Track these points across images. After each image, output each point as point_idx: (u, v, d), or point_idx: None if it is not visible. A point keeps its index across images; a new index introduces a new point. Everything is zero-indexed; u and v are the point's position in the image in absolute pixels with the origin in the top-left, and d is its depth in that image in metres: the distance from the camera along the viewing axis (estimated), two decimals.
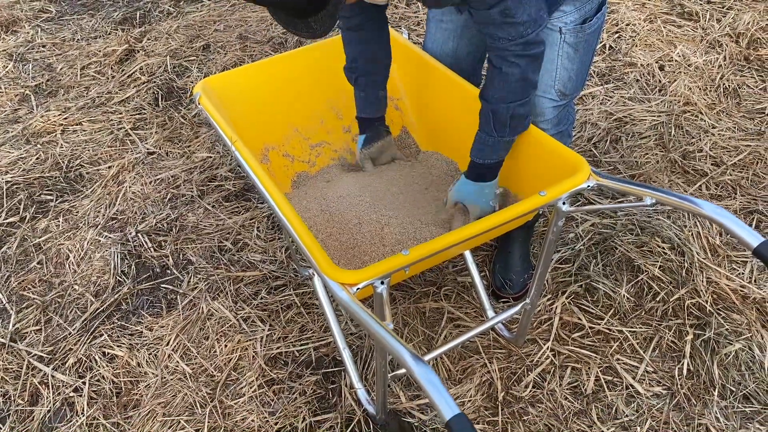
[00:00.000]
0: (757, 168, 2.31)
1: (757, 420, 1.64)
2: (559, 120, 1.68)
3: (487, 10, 1.28)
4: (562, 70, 1.58)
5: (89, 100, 2.87)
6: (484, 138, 1.45)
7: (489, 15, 1.29)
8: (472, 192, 1.52)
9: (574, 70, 1.59)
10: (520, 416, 1.68)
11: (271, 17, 1.24)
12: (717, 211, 1.12)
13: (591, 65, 1.68)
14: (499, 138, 1.43)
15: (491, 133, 1.43)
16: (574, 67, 1.58)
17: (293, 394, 1.75)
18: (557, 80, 1.59)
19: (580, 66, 1.60)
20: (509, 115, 1.40)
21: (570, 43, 1.54)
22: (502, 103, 1.39)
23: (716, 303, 1.87)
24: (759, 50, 2.83)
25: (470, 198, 1.53)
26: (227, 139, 1.49)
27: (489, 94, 1.40)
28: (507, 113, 1.39)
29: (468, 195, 1.53)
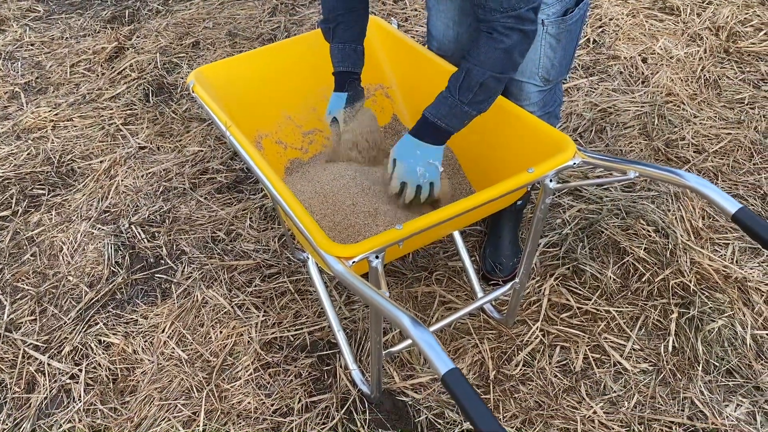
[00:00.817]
0: (737, 155, 2.37)
1: (740, 393, 1.69)
2: (545, 102, 1.73)
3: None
4: (545, 58, 1.64)
5: (79, 96, 2.89)
6: (446, 95, 1.40)
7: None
8: (407, 146, 1.45)
9: (557, 58, 1.64)
10: (511, 394, 1.72)
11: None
12: (698, 181, 1.17)
13: (575, 52, 1.73)
14: (459, 101, 1.38)
15: (455, 92, 1.38)
16: (557, 55, 1.64)
17: (289, 377, 1.78)
18: (540, 67, 1.65)
19: (563, 54, 1.65)
20: (480, 82, 1.35)
21: (552, 34, 1.59)
22: (479, 66, 1.35)
23: (699, 283, 1.92)
24: (738, 43, 2.90)
25: (402, 152, 1.46)
26: (221, 125, 1.52)
27: (471, 54, 1.37)
28: (479, 78, 1.35)
29: (402, 148, 1.46)
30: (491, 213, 1.76)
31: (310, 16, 3.30)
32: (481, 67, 1.35)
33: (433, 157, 1.44)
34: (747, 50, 2.86)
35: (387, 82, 1.91)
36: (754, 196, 2.22)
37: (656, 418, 1.65)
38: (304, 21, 3.27)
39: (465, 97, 1.38)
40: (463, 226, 1.84)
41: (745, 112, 2.57)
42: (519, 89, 1.69)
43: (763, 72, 2.75)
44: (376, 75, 1.90)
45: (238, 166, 2.46)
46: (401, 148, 1.47)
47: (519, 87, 1.69)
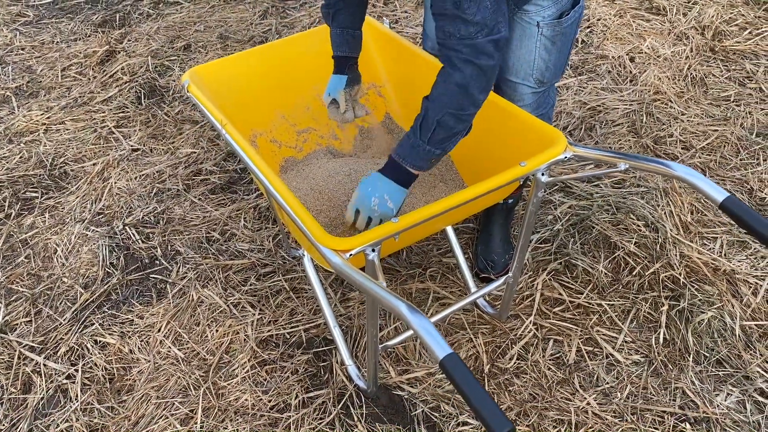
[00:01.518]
0: (724, 151, 2.41)
1: (730, 382, 1.72)
2: (538, 104, 1.75)
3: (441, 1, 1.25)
4: (540, 60, 1.65)
5: (71, 100, 2.89)
6: (409, 134, 1.37)
7: (442, 4, 1.25)
8: (369, 178, 1.43)
9: (552, 60, 1.65)
10: (505, 387, 1.74)
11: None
12: (686, 171, 1.20)
13: (570, 55, 1.75)
14: (421, 141, 1.34)
15: (416, 131, 1.35)
16: (552, 57, 1.65)
17: (285, 373, 1.80)
18: (535, 69, 1.66)
19: (558, 56, 1.66)
20: (437, 119, 1.31)
21: (547, 36, 1.61)
22: (435, 104, 1.32)
23: (689, 275, 1.96)
24: (723, 42, 2.95)
25: (363, 182, 1.43)
26: (217, 123, 1.53)
27: (430, 94, 1.35)
28: (435, 116, 1.31)
29: (364, 180, 1.44)
30: (485, 207, 1.79)
31: (300, 19, 3.32)
32: (437, 104, 1.32)
33: (391, 196, 1.40)
34: (732, 49, 2.91)
35: (380, 80, 1.93)
36: (741, 190, 2.25)
37: (648, 408, 1.68)
38: (295, 24, 3.29)
39: (425, 137, 1.34)
40: (458, 220, 1.86)
41: (731, 109, 2.61)
42: (513, 90, 1.71)
43: (748, 70, 2.80)
44: (369, 74, 1.92)
45: (231, 167, 2.48)
46: (365, 179, 1.44)
47: (513, 88, 1.71)
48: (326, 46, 1.79)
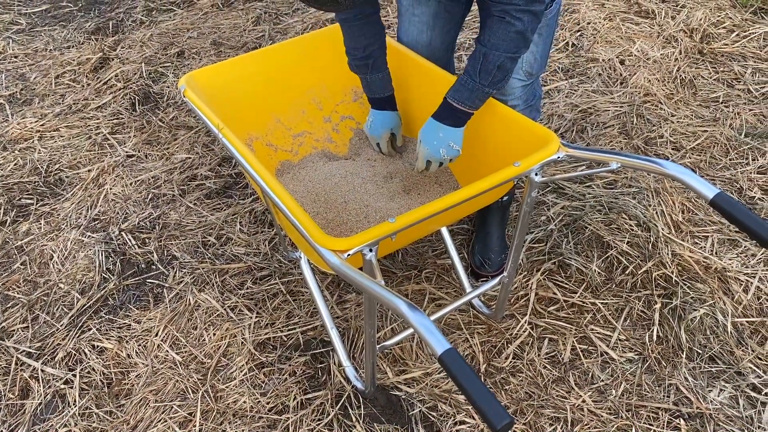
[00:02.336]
0: (713, 151, 2.44)
1: (722, 378, 1.75)
2: (527, 96, 1.81)
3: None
4: (528, 53, 1.71)
5: (65, 107, 2.90)
6: (466, 80, 1.51)
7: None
8: (430, 130, 1.59)
9: (539, 52, 1.72)
10: (502, 386, 1.76)
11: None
12: (677, 168, 1.22)
13: (552, 46, 1.81)
14: (480, 84, 1.49)
15: (475, 77, 1.49)
16: (539, 49, 1.71)
17: (283, 375, 1.81)
18: (524, 62, 1.72)
19: (544, 47, 1.73)
20: (497, 64, 1.46)
21: None
22: (495, 51, 1.45)
23: (681, 274, 1.98)
24: (711, 44, 2.99)
25: (426, 135, 1.59)
26: (214, 127, 1.55)
27: (486, 39, 1.47)
28: (496, 61, 1.46)
29: (426, 131, 1.60)
30: (480, 208, 1.80)
31: (293, 25, 3.34)
32: (497, 51, 1.45)
33: (453, 139, 1.58)
34: (720, 51, 2.95)
35: None
36: (731, 190, 2.28)
37: (643, 404, 1.70)
38: (288, 29, 3.31)
39: (485, 80, 1.49)
40: (453, 220, 1.88)
41: (720, 110, 2.64)
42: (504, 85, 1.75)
43: (736, 71, 2.84)
44: None
45: (226, 172, 2.49)
46: (425, 131, 1.61)
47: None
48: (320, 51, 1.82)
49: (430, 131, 1.58)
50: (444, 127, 1.56)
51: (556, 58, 2.98)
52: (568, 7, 3.31)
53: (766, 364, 1.77)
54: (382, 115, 1.80)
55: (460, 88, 1.53)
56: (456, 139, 1.58)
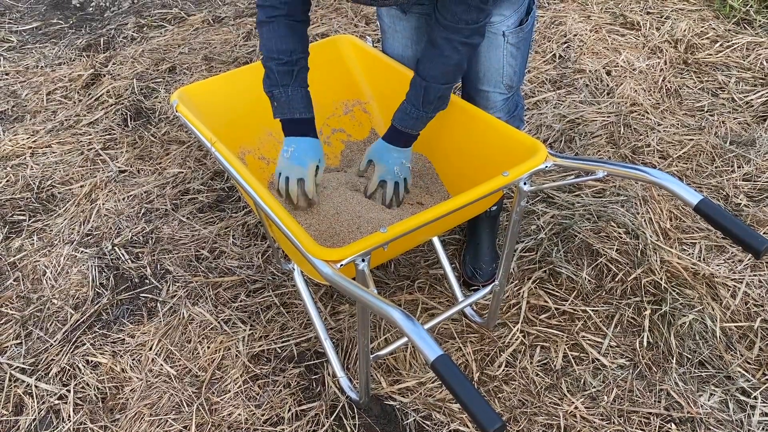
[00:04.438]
0: (699, 159, 2.48)
1: (712, 383, 1.77)
2: (510, 108, 1.85)
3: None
4: (508, 67, 1.75)
5: (57, 123, 2.91)
6: (410, 109, 1.59)
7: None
8: (383, 151, 1.66)
9: (518, 65, 1.76)
10: (495, 394, 1.77)
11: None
12: (662, 176, 1.25)
13: (528, 57, 1.88)
14: (423, 113, 1.58)
15: (418, 106, 1.57)
16: (518, 62, 1.76)
17: (278, 387, 1.81)
18: (504, 76, 1.76)
19: (522, 61, 1.78)
20: (438, 95, 1.55)
21: (513, 44, 1.71)
22: (435, 83, 1.53)
23: (670, 280, 2.01)
24: (696, 54, 3.04)
25: (379, 156, 1.66)
26: (206, 141, 1.56)
27: (426, 72, 1.53)
28: (437, 93, 1.54)
29: (379, 153, 1.67)
30: (470, 217, 1.83)
31: None
32: (437, 83, 1.54)
33: (405, 158, 1.67)
34: (704, 61, 3.00)
35: (364, 97, 1.97)
36: (717, 197, 2.32)
37: (635, 410, 1.72)
38: None
39: (428, 109, 1.58)
40: (444, 230, 1.90)
41: (705, 119, 2.69)
42: (486, 99, 1.79)
43: (720, 81, 2.89)
44: (354, 91, 1.97)
45: (218, 186, 2.50)
46: (377, 151, 1.67)
47: (486, 97, 1.79)
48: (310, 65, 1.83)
49: (383, 151, 1.66)
50: (395, 148, 1.64)
51: (543, 70, 3.02)
52: (554, 20, 3.36)
53: (754, 368, 1.80)
54: (306, 143, 1.55)
55: (404, 116, 1.60)
56: (406, 157, 1.66)
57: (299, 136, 1.56)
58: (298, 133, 1.57)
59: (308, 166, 1.55)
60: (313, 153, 1.56)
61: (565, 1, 3.53)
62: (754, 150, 2.50)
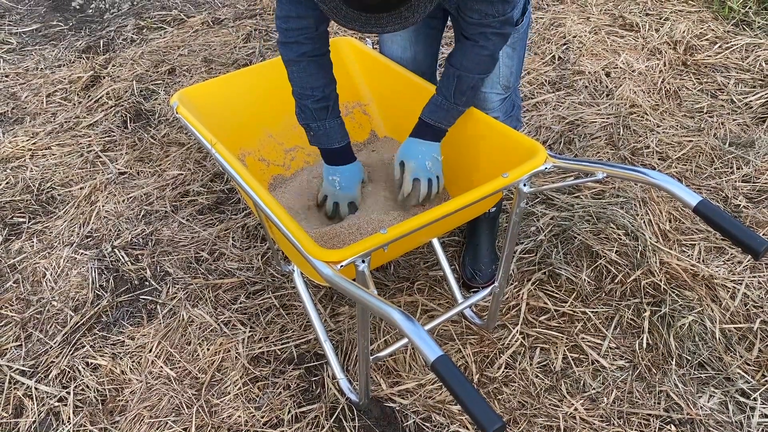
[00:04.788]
0: (699, 160, 2.49)
1: (712, 384, 1.77)
2: (507, 108, 1.86)
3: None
4: (504, 67, 1.75)
5: (57, 125, 2.91)
6: (441, 101, 1.55)
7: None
8: (412, 147, 1.60)
9: (514, 65, 1.77)
10: (495, 395, 1.77)
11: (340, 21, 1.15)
12: (661, 177, 1.25)
13: (525, 58, 1.87)
14: (454, 104, 1.55)
15: (449, 97, 1.54)
16: (514, 63, 1.76)
17: (278, 389, 1.81)
18: (501, 77, 1.77)
19: (518, 61, 1.78)
20: (471, 85, 1.53)
21: (509, 44, 1.71)
22: (469, 73, 1.51)
23: (669, 282, 2.01)
24: (695, 55, 3.05)
25: (409, 152, 1.60)
26: (206, 143, 1.57)
27: (459, 62, 1.52)
28: (470, 83, 1.52)
29: (407, 149, 1.61)
30: (470, 219, 1.83)
31: None
32: (471, 73, 1.51)
33: (436, 152, 1.61)
34: (703, 62, 3.01)
35: (364, 99, 1.98)
36: (716, 198, 2.32)
37: (634, 411, 1.72)
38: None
39: (459, 100, 1.55)
40: (444, 231, 1.91)
41: (705, 120, 2.69)
42: (483, 100, 1.80)
43: (719, 82, 2.89)
44: (354, 93, 1.97)
45: (218, 188, 2.51)
46: (406, 150, 1.61)
47: (483, 98, 1.80)
48: None
49: (412, 148, 1.60)
50: (424, 142, 1.59)
51: (543, 71, 3.03)
52: (554, 21, 3.36)
53: (754, 369, 1.80)
54: (350, 170, 1.64)
55: (435, 108, 1.56)
56: (437, 151, 1.61)
57: (341, 164, 1.64)
58: (340, 161, 1.64)
59: (357, 191, 1.67)
60: (358, 176, 1.67)
61: (564, 3, 3.54)
62: (753, 151, 2.50)
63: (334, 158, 1.64)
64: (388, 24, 1.16)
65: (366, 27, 1.16)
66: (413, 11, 1.13)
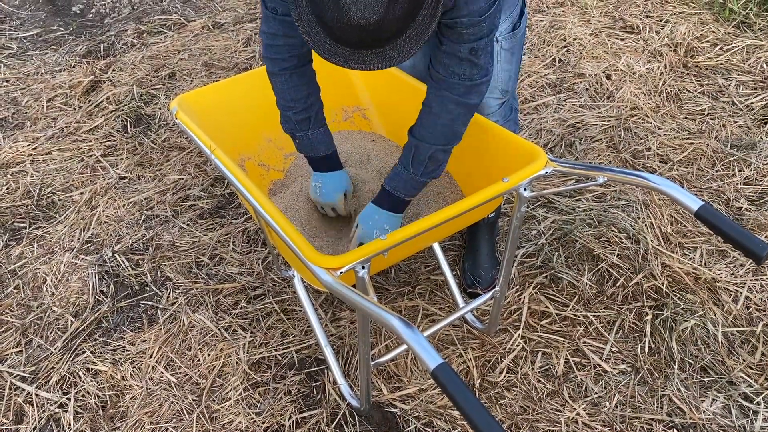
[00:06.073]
0: (700, 163, 2.48)
1: (714, 388, 1.76)
2: (504, 112, 1.85)
3: (458, 44, 1.33)
4: (503, 72, 1.75)
5: (57, 130, 2.91)
6: (400, 170, 1.49)
7: (458, 49, 1.33)
8: (367, 212, 1.55)
9: (512, 70, 1.76)
10: (496, 400, 1.77)
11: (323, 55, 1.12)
12: (662, 181, 1.24)
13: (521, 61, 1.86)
14: (413, 174, 1.47)
15: (407, 167, 1.47)
16: (512, 67, 1.76)
17: (278, 395, 1.81)
18: (500, 82, 1.76)
19: (516, 65, 1.78)
20: (428, 156, 1.45)
21: (506, 49, 1.71)
22: (425, 143, 1.44)
23: (671, 285, 2.00)
24: (696, 57, 3.04)
25: (363, 216, 1.55)
26: (206, 148, 1.56)
27: (416, 131, 1.46)
28: (426, 153, 1.44)
29: (364, 213, 1.56)
30: (470, 223, 1.82)
31: None
32: (427, 143, 1.44)
33: (389, 224, 1.53)
34: (704, 64, 3.00)
35: (364, 104, 1.97)
36: (718, 201, 2.32)
37: (637, 416, 1.71)
38: None
39: (417, 171, 1.48)
40: (444, 236, 1.90)
41: (706, 122, 2.68)
42: (482, 104, 1.79)
43: (720, 84, 2.88)
44: (354, 98, 1.97)
45: (219, 192, 2.50)
46: (364, 213, 1.56)
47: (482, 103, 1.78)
48: None
49: (367, 213, 1.55)
50: (381, 211, 1.53)
51: (543, 74, 3.02)
52: (554, 24, 3.36)
53: (757, 373, 1.79)
54: (332, 178, 1.64)
55: (395, 177, 1.50)
56: (392, 223, 1.53)
57: (325, 171, 1.64)
58: (324, 168, 1.64)
59: (337, 199, 1.65)
60: (339, 186, 1.65)
61: (564, 6, 3.53)
62: (755, 154, 2.49)
63: (318, 165, 1.64)
64: (372, 62, 1.14)
65: (350, 63, 1.14)
66: (398, 51, 1.11)
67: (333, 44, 1.13)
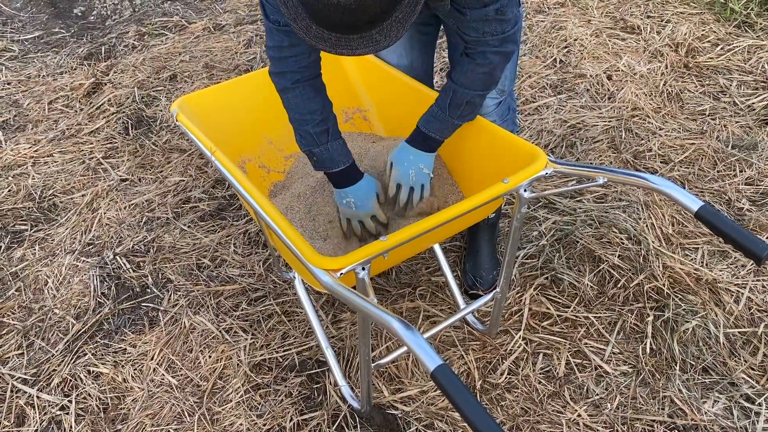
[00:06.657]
0: (701, 163, 2.47)
1: (716, 389, 1.76)
2: (502, 112, 1.86)
3: (483, 8, 1.39)
4: None
5: (59, 132, 2.91)
6: (437, 112, 1.55)
7: (484, 13, 1.39)
8: (401, 152, 1.60)
9: (510, 69, 1.77)
10: (497, 402, 1.76)
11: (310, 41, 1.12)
12: (662, 182, 1.24)
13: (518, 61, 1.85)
14: (449, 117, 1.54)
15: (444, 109, 1.54)
16: (509, 67, 1.77)
17: (279, 397, 1.81)
18: None
19: (513, 65, 1.79)
20: (466, 101, 1.52)
21: None
22: (464, 89, 1.51)
23: (673, 286, 2.00)
24: (697, 58, 3.04)
25: (397, 157, 1.59)
26: (206, 150, 1.56)
27: (456, 77, 1.52)
28: (465, 98, 1.52)
29: (398, 154, 1.60)
30: (470, 225, 1.82)
31: None
32: (466, 89, 1.51)
33: (424, 163, 1.59)
34: (705, 64, 3.00)
35: (364, 105, 1.97)
36: (719, 201, 2.31)
37: (638, 417, 1.71)
38: None
39: (454, 114, 1.54)
40: (445, 237, 1.90)
41: (707, 122, 2.68)
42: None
43: (721, 84, 2.88)
44: (354, 99, 1.97)
45: (220, 194, 2.50)
46: (397, 154, 1.61)
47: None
48: None
49: (402, 153, 1.60)
50: (415, 151, 1.58)
51: (544, 75, 3.02)
52: (555, 25, 3.36)
53: (759, 374, 1.79)
54: (360, 187, 1.60)
55: (431, 118, 1.56)
56: (426, 162, 1.58)
57: (351, 184, 1.59)
58: (348, 181, 1.59)
59: (373, 206, 1.61)
60: (372, 191, 1.62)
61: (565, 6, 3.53)
62: (756, 154, 2.49)
63: (341, 181, 1.59)
64: (359, 47, 1.13)
65: (336, 48, 1.13)
66: (384, 35, 1.11)
67: (319, 29, 1.12)
